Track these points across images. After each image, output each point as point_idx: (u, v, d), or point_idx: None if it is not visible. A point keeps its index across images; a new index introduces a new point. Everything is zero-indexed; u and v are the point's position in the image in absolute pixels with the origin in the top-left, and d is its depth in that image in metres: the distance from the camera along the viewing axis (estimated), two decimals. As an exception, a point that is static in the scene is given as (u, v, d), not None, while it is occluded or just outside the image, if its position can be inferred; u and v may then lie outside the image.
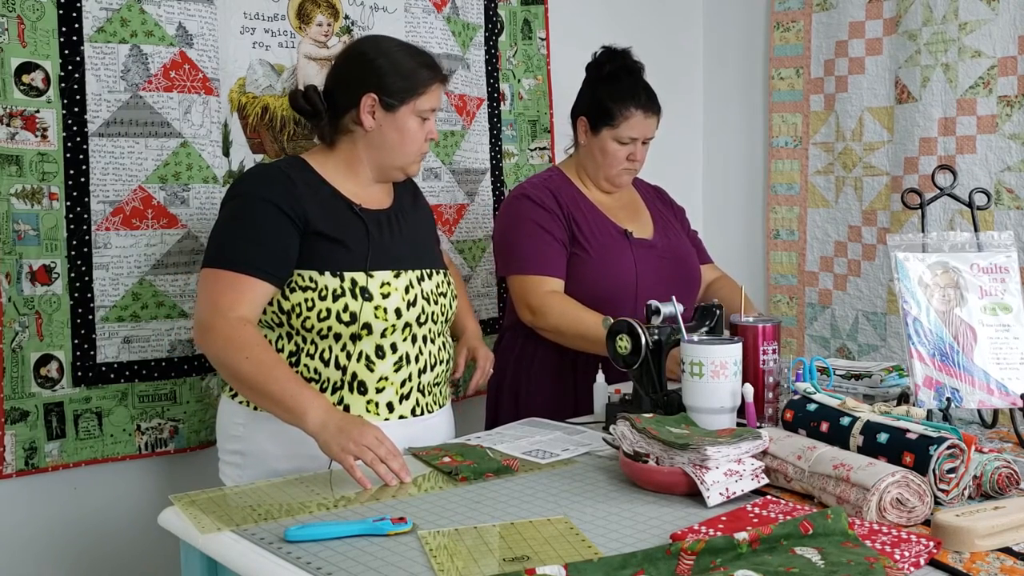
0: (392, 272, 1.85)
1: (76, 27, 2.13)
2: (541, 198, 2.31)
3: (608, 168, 2.35)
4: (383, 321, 1.82)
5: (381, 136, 1.88)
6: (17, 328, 2.09)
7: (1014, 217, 2.74)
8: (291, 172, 1.86)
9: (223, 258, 1.78)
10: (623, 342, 1.85)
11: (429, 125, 1.90)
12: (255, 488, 1.59)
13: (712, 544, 1.19)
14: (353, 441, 1.60)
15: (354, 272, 1.81)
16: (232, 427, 1.90)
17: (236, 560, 1.33)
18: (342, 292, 1.80)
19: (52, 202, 2.12)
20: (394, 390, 1.86)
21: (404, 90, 1.85)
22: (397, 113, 1.86)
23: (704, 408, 1.69)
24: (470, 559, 1.25)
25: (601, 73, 2.36)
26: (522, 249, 2.28)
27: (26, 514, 2.16)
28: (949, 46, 2.83)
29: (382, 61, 1.88)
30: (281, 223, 1.80)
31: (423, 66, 1.88)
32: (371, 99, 1.85)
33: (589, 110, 2.35)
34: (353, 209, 1.87)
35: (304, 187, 1.84)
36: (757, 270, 3.41)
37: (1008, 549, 1.23)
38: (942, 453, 1.39)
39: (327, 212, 1.84)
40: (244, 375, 1.71)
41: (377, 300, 1.82)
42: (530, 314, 2.26)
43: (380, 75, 1.86)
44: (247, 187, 1.86)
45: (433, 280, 1.93)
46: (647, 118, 2.32)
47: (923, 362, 1.73)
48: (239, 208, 1.83)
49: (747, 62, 3.44)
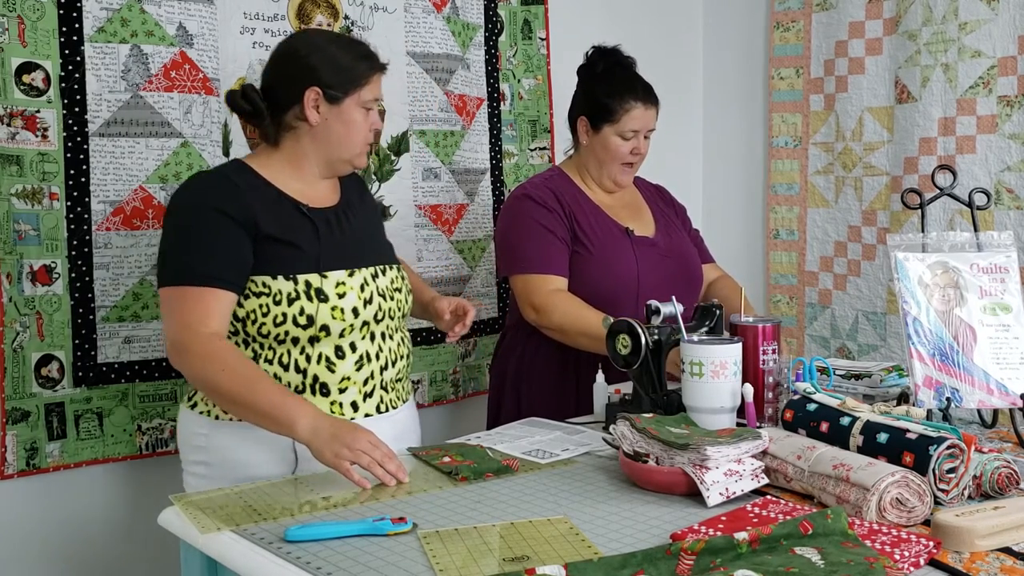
0: (346, 271, 1.82)
1: (76, 27, 2.13)
2: (543, 197, 2.31)
3: (612, 164, 2.35)
4: (341, 321, 1.79)
5: (327, 130, 1.85)
6: (18, 328, 2.09)
7: (1014, 217, 2.74)
8: (235, 177, 1.82)
9: (182, 274, 1.74)
10: (623, 342, 1.85)
11: (373, 116, 1.88)
12: (255, 488, 1.59)
13: (712, 544, 1.19)
14: (347, 447, 1.58)
15: (307, 274, 1.78)
16: (194, 438, 1.85)
17: (236, 560, 1.33)
18: (297, 295, 1.76)
19: (53, 202, 2.12)
20: (357, 389, 1.83)
21: (347, 81, 1.83)
22: (342, 105, 1.83)
23: (704, 408, 1.69)
24: (470, 559, 1.25)
25: (595, 72, 2.37)
26: (525, 248, 2.28)
27: (27, 514, 2.16)
28: (949, 46, 2.83)
29: (321, 55, 1.85)
30: (233, 230, 1.76)
31: (362, 57, 1.86)
32: (315, 93, 1.82)
33: (588, 109, 2.36)
34: (301, 209, 1.84)
35: (250, 191, 1.80)
36: (757, 270, 3.41)
37: (1008, 549, 1.23)
38: (942, 453, 1.39)
39: (275, 215, 1.80)
40: (226, 391, 1.68)
41: (333, 300, 1.79)
42: (534, 313, 2.25)
43: (322, 68, 1.83)
44: (193, 198, 1.80)
45: (387, 276, 1.91)
46: (647, 109, 2.33)
47: (923, 362, 1.73)
48: (188, 220, 1.77)
49: (747, 62, 3.44)
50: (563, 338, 2.24)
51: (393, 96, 2.66)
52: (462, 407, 2.92)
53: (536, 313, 2.25)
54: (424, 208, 2.74)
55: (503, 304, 2.94)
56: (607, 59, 2.38)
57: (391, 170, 2.67)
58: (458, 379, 2.86)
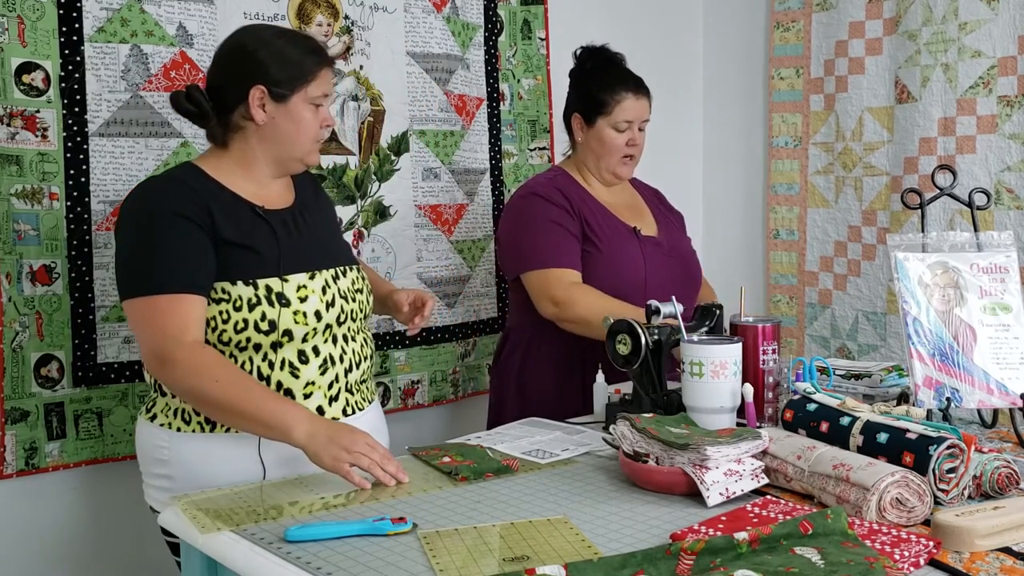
0: (307, 274, 1.78)
1: (76, 27, 2.13)
2: (551, 195, 2.31)
3: (609, 157, 2.36)
4: (304, 326, 1.75)
5: (274, 129, 1.79)
6: (17, 328, 2.09)
7: (1014, 217, 2.74)
8: (189, 181, 1.77)
9: (152, 283, 1.68)
10: (623, 342, 1.85)
11: (323, 112, 1.81)
12: (255, 488, 1.59)
13: (712, 544, 1.19)
14: (345, 449, 1.57)
15: (267, 278, 1.74)
16: (155, 451, 1.79)
17: (236, 560, 1.33)
18: (258, 300, 1.72)
19: (52, 202, 2.12)
20: (322, 393, 1.79)
21: (293, 78, 1.77)
22: (289, 104, 1.78)
23: (704, 408, 1.69)
24: (470, 559, 1.25)
25: (585, 69, 2.41)
26: (538, 244, 2.27)
27: (27, 514, 2.16)
28: (949, 46, 2.83)
29: (265, 51, 1.78)
30: (196, 234, 1.70)
31: (309, 52, 1.80)
32: (260, 91, 1.76)
33: (581, 106, 2.39)
34: (256, 212, 1.79)
35: (205, 194, 1.75)
36: (757, 270, 3.41)
37: (1008, 549, 1.23)
38: (942, 453, 1.39)
39: (231, 218, 1.75)
40: (216, 400, 1.65)
41: (295, 305, 1.75)
42: (554, 307, 2.23)
43: (266, 66, 1.77)
44: (149, 204, 1.74)
45: (348, 277, 1.87)
46: (639, 99, 2.35)
47: (923, 362, 1.73)
48: (149, 227, 1.71)
49: (747, 62, 3.44)
50: (586, 330, 2.20)
51: (393, 96, 2.66)
52: (462, 407, 2.92)
53: (557, 307, 2.22)
54: (424, 208, 2.74)
55: (503, 304, 2.94)
56: (596, 56, 2.41)
57: (391, 170, 2.67)
58: (458, 379, 2.86)
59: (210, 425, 1.75)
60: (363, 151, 2.61)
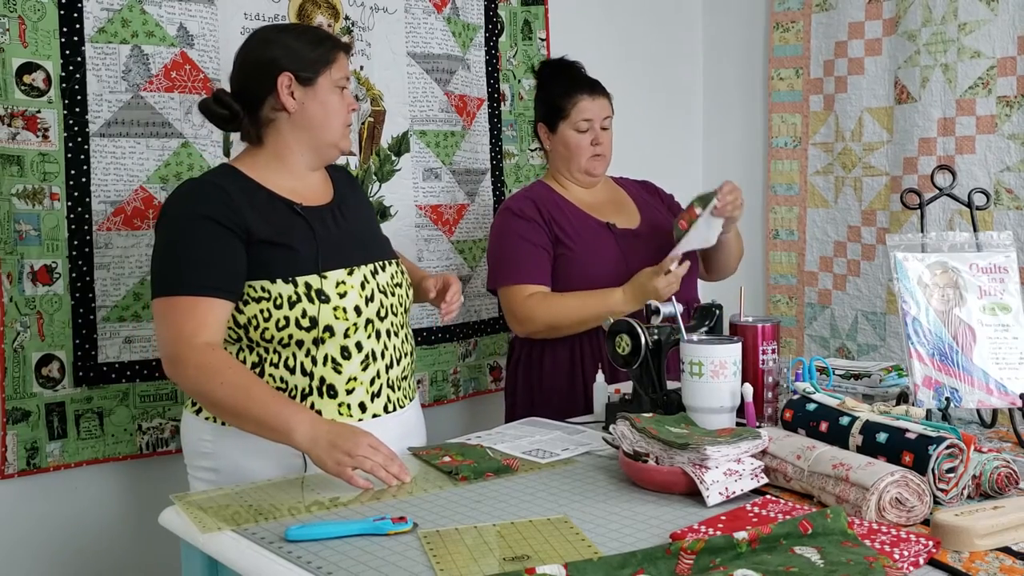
0: (345, 270, 1.80)
1: (77, 27, 2.13)
2: (522, 208, 2.37)
3: (577, 158, 2.41)
4: (344, 321, 1.77)
5: (305, 114, 1.82)
6: (18, 328, 2.10)
7: (1013, 217, 2.74)
8: (222, 182, 1.79)
9: (174, 284, 1.71)
10: (623, 342, 1.85)
11: (347, 95, 1.86)
12: (256, 488, 1.59)
13: (712, 543, 1.19)
14: (348, 453, 1.57)
15: (306, 276, 1.76)
16: (200, 444, 1.83)
17: (237, 559, 1.33)
18: (298, 298, 1.74)
19: (53, 202, 2.13)
20: (364, 389, 1.81)
21: (316, 61, 1.81)
22: (316, 86, 1.82)
23: (704, 408, 1.69)
24: (470, 559, 1.25)
25: (543, 80, 2.48)
26: (504, 261, 2.36)
27: (28, 514, 2.17)
28: (948, 46, 2.83)
29: (285, 40, 1.83)
30: (223, 237, 1.73)
31: (323, 38, 1.85)
32: (287, 78, 1.80)
33: (543, 114, 2.46)
34: (294, 209, 1.81)
35: (240, 195, 1.77)
36: (757, 270, 3.42)
37: (1007, 549, 1.24)
38: (941, 453, 1.39)
39: (268, 217, 1.78)
40: (222, 401, 1.67)
41: (335, 301, 1.77)
42: (519, 325, 2.32)
43: (288, 53, 1.81)
44: (180, 207, 1.77)
45: (387, 272, 1.89)
46: (595, 99, 2.40)
47: (922, 362, 1.73)
48: (176, 230, 1.75)
49: (747, 62, 3.44)
50: (557, 333, 2.29)
51: (394, 96, 2.66)
52: (462, 407, 2.92)
53: (521, 324, 2.32)
54: (424, 208, 2.74)
55: (503, 304, 2.94)
56: (552, 67, 2.49)
57: (391, 170, 2.67)
58: (458, 379, 2.87)
59: None
60: (364, 151, 2.61)
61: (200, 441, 1.83)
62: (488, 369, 2.95)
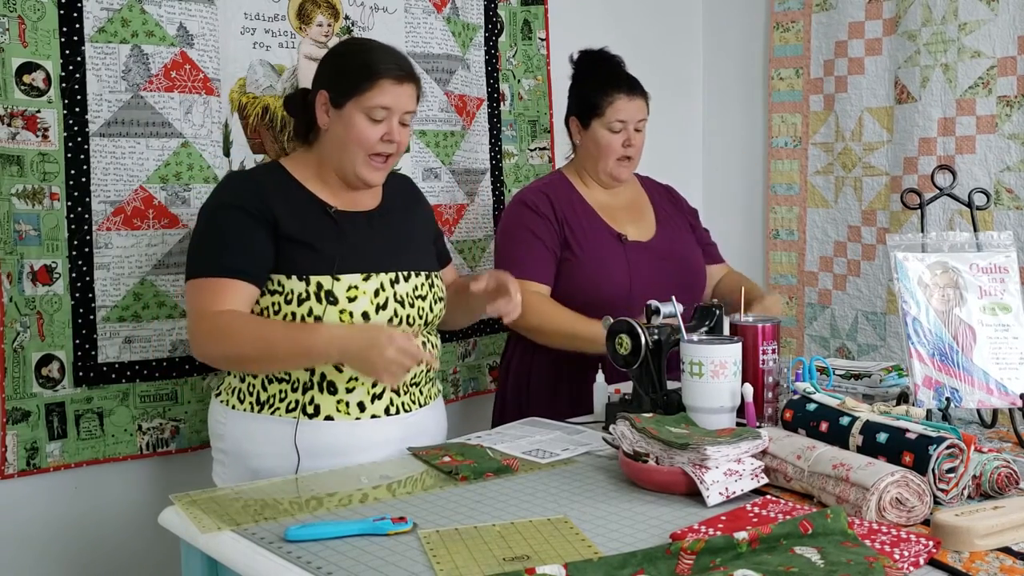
0: (361, 275, 1.82)
1: (77, 27, 2.13)
2: (536, 203, 2.34)
3: (606, 159, 2.37)
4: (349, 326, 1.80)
5: (332, 136, 1.86)
6: (18, 328, 2.10)
7: (1013, 217, 2.74)
8: (260, 177, 1.88)
9: (200, 268, 1.80)
10: (623, 342, 1.85)
11: (386, 127, 1.83)
12: (255, 488, 1.60)
13: (712, 544, 1.19)
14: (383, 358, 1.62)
15: (320, 276, 1.80)
16: (216, 426, 1.93)
17: (237, 560, 1.33)
18: (307, 296, 1.79)
19: (53, 202, 2.13)
20: (365, 390, 1.83)
21: (350, 86, 1.82)
22: (343, 110, 1.83)
23: (704, 408, 1.69)
24: (470, 559, 1.25)
25: (581, 73, 2.43)
26: (512, 253, 2.33)
27: (27, 514, 2.17)
28: (948, 46, 2.83)
29: (337, 60, 1.89)
30: (248, 224, 1.80)
31: (379, 62, 1.84)
32: (323, 96, 1.85)
33: (577, 109, 2.42)
34: (327, 211, 1.86)
35: (275, 190, 1.84)
36: (757, 270, 3.41)
37: (1007, 549, 1.24)
38: (941, 453, 1.39)
39: (297, 215, 1.83)
40: (247, 354, 1.74)
41: (342, 304, 1.79)
42: None
43: (334, 72, 1.86)
44: (214, 199, 1.88)
45: (411, 282, 1.89)
46: (632, 100, 2.36)
47: (922, 362, 1.73)
48: (208, 219, 1.85)
49: (747, 62, 3.44)
50: (540, 338, 2.29)
51: (393, 96, 2.66)
52: (462, 407, 2.92)
53: None
54: (424, 208, 2.74)
55: (503, 304, 2.94)
56: (591, 59, 2.43)
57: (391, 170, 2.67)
58: (458, 379, 2.87)
59: (259, 406, 1.83)
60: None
61: (216, 423, 1.92)
62: (487, 369, 2.95)
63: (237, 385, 1.88)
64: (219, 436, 1.91)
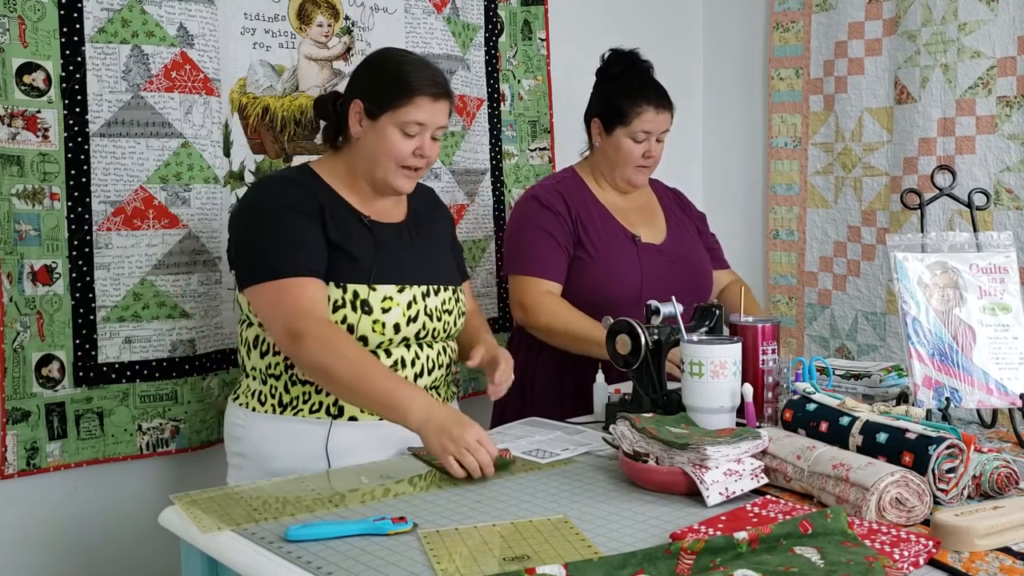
0: (396, 287, 1.84)
1: (77, 27, 2.13)
2: (550, 200, 2.33)
3: (624, 167, 2.36)
4: (380, 335, 1.81)
5: (364, 144, 1.86)
6: (18, 328, 2.10)
7: (1013, 217, 2.74)
8: (304, 179, 1.88)
9: (280, 268, 1.76)
10: (623, 342, 1.85)
11: (419, 141, 1.84)
12: (255, 487, 1.60)
13: (712, 544, 1.19)
14: (453, 441, 1.61)
15: (357, 284, 1.80)
16: (233, 429, 1.91)
17: (237, 560, 1.33)
18: (342, 303, 1.79)
19: (53, 202, 2.13)
20: None
21: (386, 99, 1.82)
22: (377, 122, 1.83)
23: (704, 408, 1.69)
24: (470, 559, 1.25)
25: (610, 74, 2.39)
26: (524, 250, 2.31)
27: (27, 514, 2.17)
28: (948, 46, 2.83)
29: (374, 69, 1.88)
30: (310, 225, 1.80)
31: (417, 79, 1.83)
32: (358, 106, 1.85)
33: (601, 112, 2.38)
34: (363, 220, 1.87)
35: (318, 194, 1.85)
36: (757, 270, 3.42)
37: (1007, 549, 1.24)
38: (941, 453, 1.39)
39: (337, 221, 1.84)
40: (341, 377, 1.70)
41: (376, 314, 1.80)
42: (522, 312, 2.29)
43: (370, 82, 1.86)
44: (268, 200, 1.85)
45: (440, 296, 1.91)
46: (659, 113, 2.34)
47: (922, 362, 1.74)
48: (268, 220, 1.81)
49: (747, 62, 3.44)
50: (549, 338, 2.28)
51: (393, 96, 2.66)
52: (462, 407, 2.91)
53: (524, 312, 2.28)
54: (424, 208, 2.74)
55: (503, 304, 2.94)
56: (623, 62, 2.40)
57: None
58: (458, 379, 2.87)
59: (281, 407, 1.83)
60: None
61: (233, 427, 1.91)
62: (488, 369, 2.95)
63: (258, 388, 1.87)
64: (237, 439, 1.90)
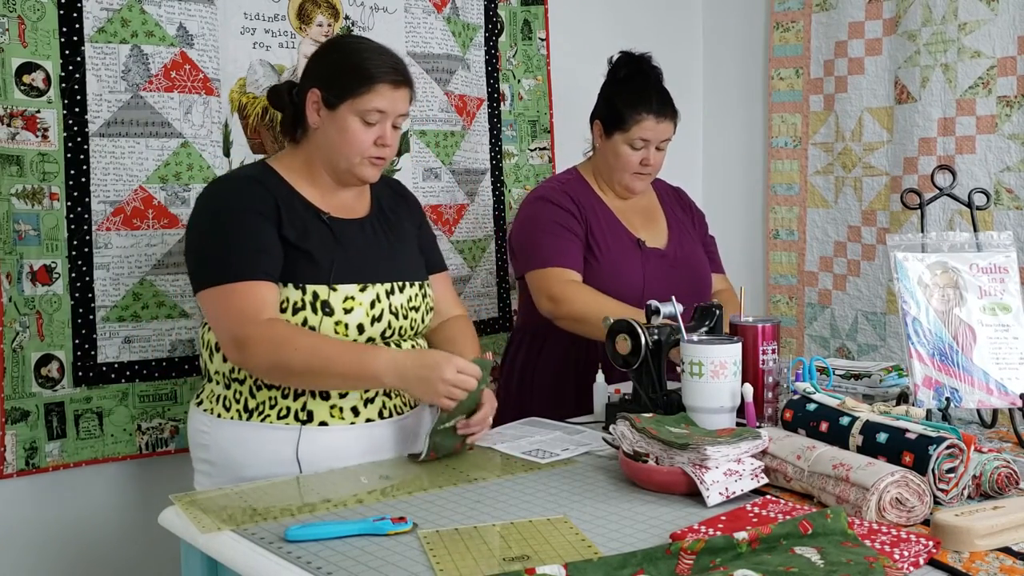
0: (358, 286, 1.79)
1: (77, 27, 2.13)
2: (560, 200, 2.32)
3: (621, 173, 2.35)
4: (343, 337, 1.76)
5: (324, 135, 1.81)
6: (18, 328, 2.10)
7: (1013, 217, 2.74)
8: (261, 178, 1.81)
9: (227, 272, 1.72)
10: (623, 342, 1.85)
11: (380, 130, 1.80)
12: (255, 488, 1.59)
13: (712, 544, 1.19)
14: (436, 385, 1.63)
15: (316, 285, 1.75)
16: (198, 435, 1.84)
17: (236, 560, 1.33)
18: (302, 305, 1.74)
19: (53, 202, 2.13)
20: (358, 395, 1.79)
21: (344, 88, 1.78)
22: (337, 112, 1.79)
23: (704, 408, 1.69)
24: (470, 559, 1.25)
25: (616, 77, 2.37)
26: (542, 246, 2.29)
27: (27, 514, 2.17)
28: (948, 46, 2.83)
29: (335, 57, 1.82)
30: (268, 227, 1.75)
31: (376, 66, 1.79)
32: (315, 95, 1.80)
33: (603, 114, 2.36)
34: (322, 218, 1.81)
35: (275, 193, 1.79)
36: (757, 270, 3.42)
37: (1007, 549, 1.24)
38: (941, 453, 1.39)
39: (294, 220, 1.78)
40: (299, 367, 1.67)
41: (338, 315, 1.76)
42: (550, 303, 2.24)
43: (327, 71, 1.80)
44: (223, 201, 1.79)
45: (405, 293, 1.86)
46: (659, 123, 2.30)
47: (922, 362, 1.73)
48: (222, 221, 1.76)
49: (747, 62, 3.44)
50: (580, 327, 2.22)
51: (393, 96, 2.66)
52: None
53: (553, 303, 2.23)
54: (424, 208, 2.73)
55: (503, 304, 2.94)
56: (630, 66, 2.37)
57: (391, 170, 2.67)
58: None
59: (247, 413, 1.77)
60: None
61: (198, 432, 1.85)
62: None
63: (222, 392, 1.81)
64: (203, 446, 1.83)
